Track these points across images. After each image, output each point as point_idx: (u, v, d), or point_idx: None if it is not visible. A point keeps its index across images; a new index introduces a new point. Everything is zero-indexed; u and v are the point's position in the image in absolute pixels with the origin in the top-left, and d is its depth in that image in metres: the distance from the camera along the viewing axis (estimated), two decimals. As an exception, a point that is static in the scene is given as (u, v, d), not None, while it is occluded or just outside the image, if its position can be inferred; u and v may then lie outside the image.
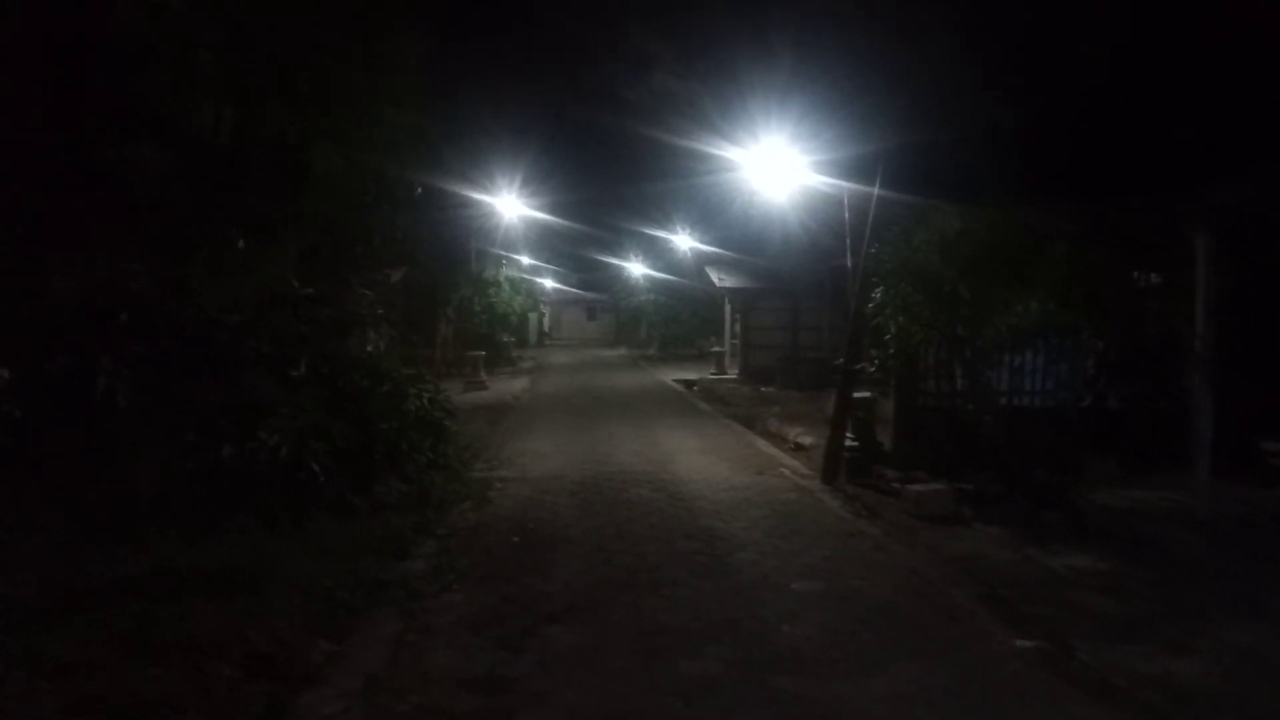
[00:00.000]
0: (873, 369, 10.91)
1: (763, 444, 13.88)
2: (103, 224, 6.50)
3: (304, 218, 7.81)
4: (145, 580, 6.26)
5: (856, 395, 10.78)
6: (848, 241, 11.47)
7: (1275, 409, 8.93)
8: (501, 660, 5.32)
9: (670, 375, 27.57)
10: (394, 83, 7.69)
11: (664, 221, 31.48)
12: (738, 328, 27.08)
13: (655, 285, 39.85)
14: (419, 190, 8.69)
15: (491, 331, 30.48)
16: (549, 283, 50.42)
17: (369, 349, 8.94)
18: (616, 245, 40.77)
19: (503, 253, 32.22)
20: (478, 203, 21.84)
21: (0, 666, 4.86)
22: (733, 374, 26.35)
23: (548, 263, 45.08)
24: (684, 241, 32.16)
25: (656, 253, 37.83)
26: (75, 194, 6.43)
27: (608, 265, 44.87)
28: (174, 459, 7.34)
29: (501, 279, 32.08)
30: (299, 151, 6.79)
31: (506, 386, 24.28)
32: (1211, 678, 4.96)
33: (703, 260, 29.98)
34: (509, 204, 24.84)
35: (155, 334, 6.86)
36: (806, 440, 13.14)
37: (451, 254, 23.23)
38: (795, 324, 25.34)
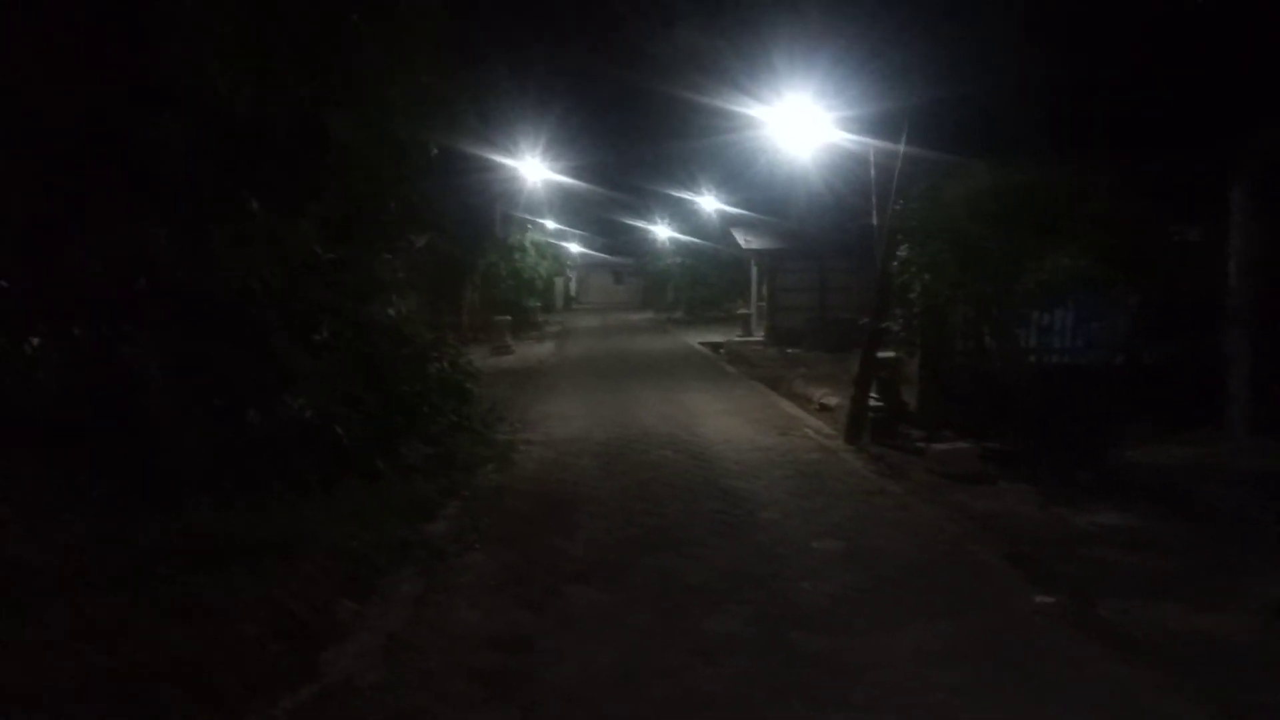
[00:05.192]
0: (898, 328, 10.78)
1: (788, 405, 13.83)
2: (124, 195, 6.53)
3: (324, 185, 7.79)
4: (181, 547, 6.35)
5: (881, 355, 10.67)
6: (874, 199, 11.31)
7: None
8: (523, 619, 5.36)
9: (697, 338, 27.49)
10: (411, 47, 7.62)
11: (689, 183, 31.24)
12: (764, 289, 26.88)
13: (681, 248, 39.61)
14: (435, 152, 8.62)
15: (517, 297, 30.48)
16: (575, 247, 50.29)
17: (391, 313, 8.95)
18: (642, 208, 40.55)
19: (528, 217, 32.17)
20: (502, 167, 21.75)
21: (47, 633, 4.99)
22: (759, 336, 26.21)
23: (573, 227, 44.94)
24: (709, 203, 31.91)
25: (682, 215, 37.58)
26: (97, 165, 6.45)
27: (634, 229, 44.66)
28: (204, 427, 7.42)
29: (527, 244, 32.02)
30: (316, 119, 6.76)
31: (532, 351, 24.35)
32: (1240, 633, 4.90)
33: (728, 222, 29.74)
34: (533, 168, 24.73)
35: (179, 303, 6.90)
36: (832, 401, 13.06)
37: (476, 219, 23.18)
38: (822, 285, 25.11)
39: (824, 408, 13.03)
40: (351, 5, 7.07)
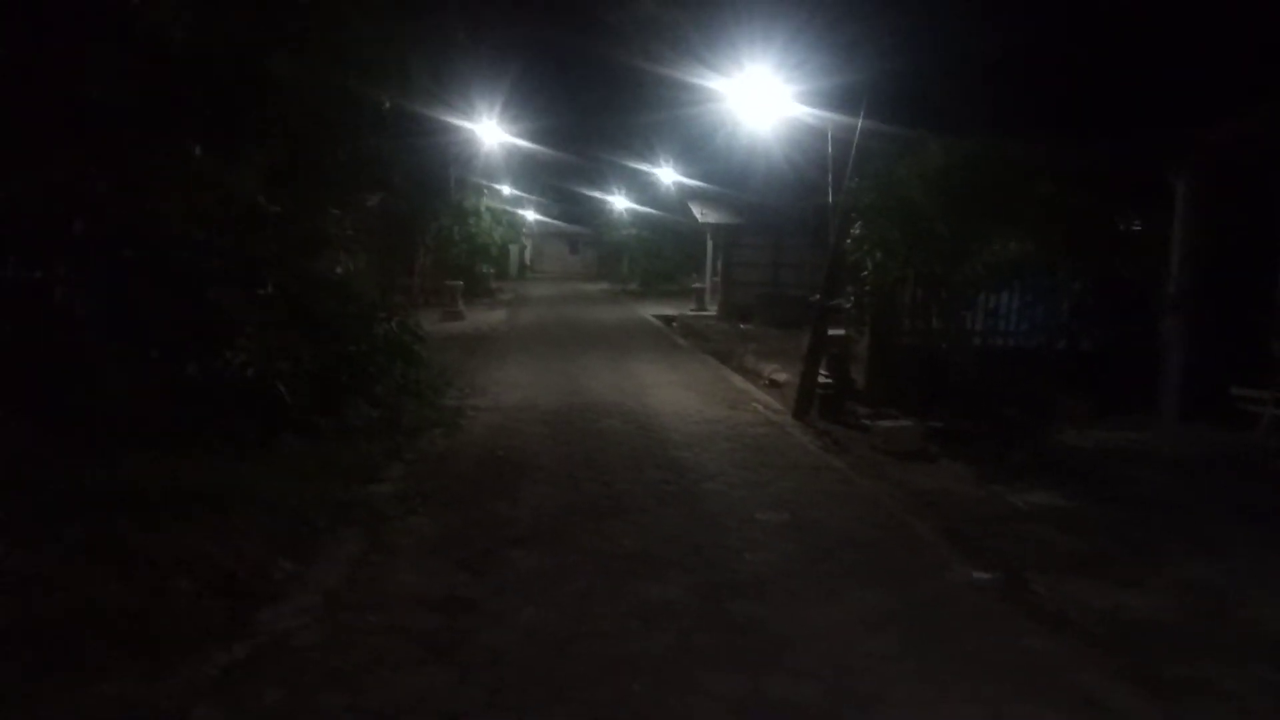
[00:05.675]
0: (849, 306, 10.88)
1: (738, 379, 13.90)
2: (59, 126, 6.27)
3: (269, 131, 7.57)
4: (112, 497, 6.20)
5: (831, 333, 10.76)
6: (830, 176, 11.35)
7: (1246, 355, 8.99)
8: (463, 582, 5.33)
9: (650, 310, 27.48)
10: None
11: (647, 154, 31.01)
12: (719, 264, 26.94)
13: (638, 220, 39.48)
14: (387, 105, 8.43)
15: (471, 262, 30.15)
16: (531, 214, 49.80)
17: (338, 270, 8.79)
18: (600, 178, 40.21)
19: (483, 182, 31.73)
20: (458, 129, 21.36)
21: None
22: (713, 310, 26.29)
23: (530, 194, 44.49)
24: (667, 175, 31.75)
25: (640, 186, 37.34)
26: (30, 92, 6.17)
27: (591, 198, 44.28)
28: (140, 376, 7.24)
29: (482, 209, 31.62)
30: (260, 59, 6.53)
31: (484, 317, 24.15)
32: (1161, 611, 5.05)
33: (686, 195, 29.67)
34: (490, 131, 24.33)
35: (115, 245, 6.68)
36: (781, 377, 13.16)
37: (430, 181, 22.79)
38: (777, 261, 25.22)
39: (773, 383, 13.12)
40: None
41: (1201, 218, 8.96)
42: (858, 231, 10.07)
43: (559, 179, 41.73)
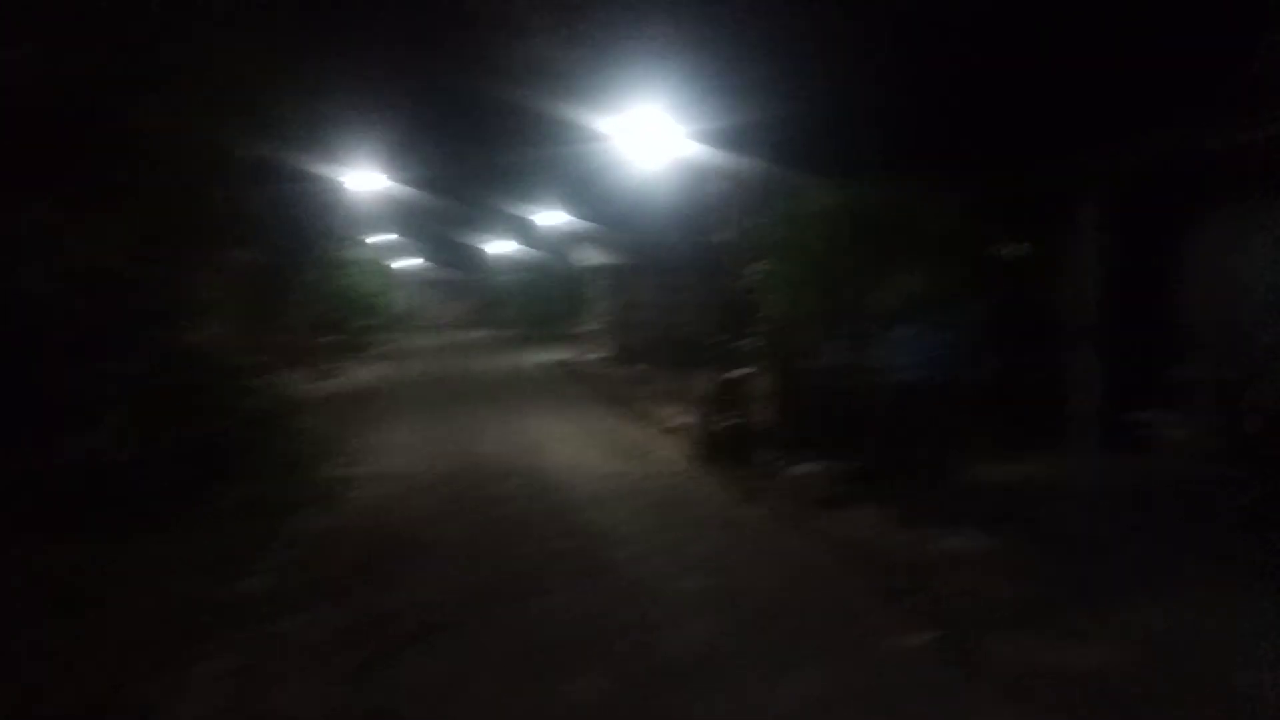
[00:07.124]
0: (752, 346, 10.59)
1: (637, 427, 13.44)
2: None
3: (126, 186, 6.73)
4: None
5: (734, 373, 10.44)
6: (725, 216, 11.12)
7: (1140, 381, 9.05)
8: (362, 694, 4.65)
9: (538, 357, 26.88)
10: (232, 31, 6.68)
11: (530, 197, 30.50)
12: (607, 306, 26.61)
13: (521, 264, 38.87)
14: (260, 156, 7.68)
15: (344, 316, 28.88)
16: (406, 262, 48.55)
17: (202, 337, 7.92)
18: (480, 222, 39.37)
19: (354, 232, 30.56)
20: (327, 178, 20.44)
21: None
22: (603, 354, 25.87)
23: (405, 241, 43.30)
24: (552, 218, 31.33)
25: (522, 230, 36.74)
26: None
27: (470, 244, 43.46)
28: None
29: (354, 259, 30.44)
30: (120, 107, 5.75)
31: (361, 374, 23.07)
32: (1118, 666, 4.76)
33: (571, 237, 29.33)
34: (361, 178, 23.41)
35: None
36: (681, 422, 12.76)
37: (298, 232, 21.69)
38: (667, 302, 24.93)
39: (674, 429, 12.70)
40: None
41: (1104, 244, 9.03)
42: (759, 270, 9.80)
43: (435, 224, 40.67)
